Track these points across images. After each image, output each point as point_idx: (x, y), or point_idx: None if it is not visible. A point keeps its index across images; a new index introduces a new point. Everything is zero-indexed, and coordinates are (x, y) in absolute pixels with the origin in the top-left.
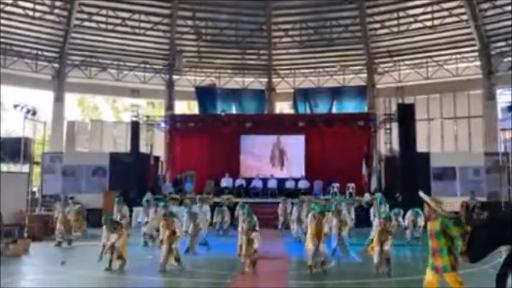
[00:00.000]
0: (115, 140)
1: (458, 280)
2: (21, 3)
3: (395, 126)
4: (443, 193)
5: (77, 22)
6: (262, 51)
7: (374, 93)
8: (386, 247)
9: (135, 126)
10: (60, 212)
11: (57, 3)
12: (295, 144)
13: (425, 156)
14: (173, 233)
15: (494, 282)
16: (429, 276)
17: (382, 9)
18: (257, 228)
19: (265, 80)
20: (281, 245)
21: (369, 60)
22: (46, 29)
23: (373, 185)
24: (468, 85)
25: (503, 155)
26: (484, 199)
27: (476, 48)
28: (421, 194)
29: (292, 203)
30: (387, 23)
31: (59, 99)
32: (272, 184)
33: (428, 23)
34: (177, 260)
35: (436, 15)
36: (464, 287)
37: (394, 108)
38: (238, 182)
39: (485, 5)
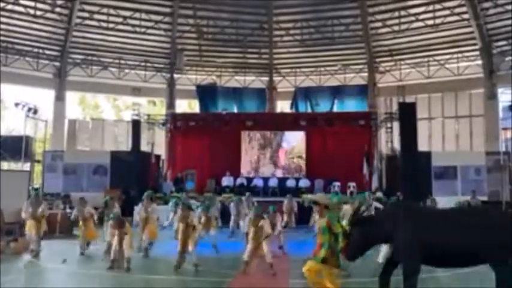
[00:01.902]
0: (116, 138)
1: (314, 270)
2: (22, 1)
3: (396, 125)
4: (444, 192)
5: (78, 20)
6: (263, 50)
7: (375, 92)
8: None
9: (136, 125)
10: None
11: (59, 2)
12: (296, 143)
13: (427, 155)
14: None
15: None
16: (312, 265)
17: (383, 8)
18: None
19: (266, 78)
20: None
21: (370, 59)
22: (47, 28)
23: (374, 184)
24: (469, 84)
25: (504, 154)
26: (485, 198)
27: (477, 47)
28: (308, 196)
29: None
30: (388, 22)
31: (60, 98)
32: (273, 183)
33: (430, 22)
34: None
35: (438, 14)
36: (316, 278)
37: (395, 107)
38: (239, 180)
39: (486, 4)
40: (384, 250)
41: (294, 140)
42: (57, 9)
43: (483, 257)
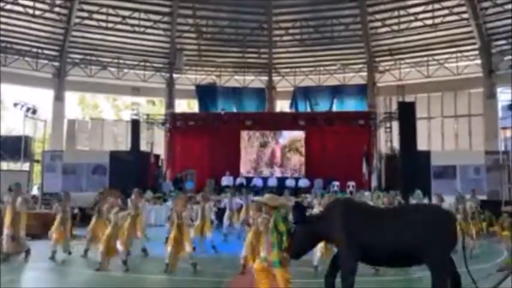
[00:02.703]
0: (115, 138)
1: (285, 277)
2: (21, 1)
3: (395, 125)
4: (443, 192)
5: (77, 20)
6: (262, 50)
7: (374, 92)
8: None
9: (135, 125)
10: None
11: (58, 2)
12: (295, 143)
13: (426, 155)
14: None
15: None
16: (259, 265)
17: (382, 7)
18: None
19: (266, 78)
20: None
21: (369, 59)
22: (46, 27)
23: (373, 183)
24: (469, 83)
25: (503, 154)
26: (484, 197)
27: (476, 46)
28: (256, 198)
29: None
30: (388, 22)
31: (59, 98)
32: (272, 182)
33: (429, 22)
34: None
35: (437, 13)
36: (290, 285)
37: (394, 106)
38: (239, 180)
39: (485, 4)
40: None
41: (289, 136)
42: (56, 9)
43: (419, 256)
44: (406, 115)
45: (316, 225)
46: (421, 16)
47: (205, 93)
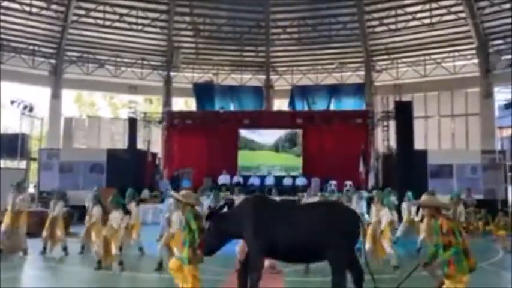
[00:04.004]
0: (112, 136)
1: (192, 273)
2: None
3: (392, 124)
4: (440, 190)
5: (74, 18)
6: (260, 48)
7: (372, 91)
8: None
9: (132, 123)
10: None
11: None
12: (292, 142)
13: (423, 154)
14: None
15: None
16: (173, 263)
17: (380, 6)
18: None
19: (263, 77)
20: None
21: (366, 58)
22: (43, 25)
23: (371, 182)
24: (466, 83)
25: (500, 153)
26: (480, 197)
27: (474, 46)
28: (172, 193)
29: None
30: (385, 21)
31: (56, 96)
32: (269, 181)
33: (426, 21)
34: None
35: (434, 12)
36: (198, 282)
37: (391, 105)
38: (236, 179)
39: (483, 3)
40: None
41: (290, 140)
42: (53, 7)
43: (322, 251)
44: (403, 114)
45: (226, 223)
46: (418, 15)
47: (203, 92)
